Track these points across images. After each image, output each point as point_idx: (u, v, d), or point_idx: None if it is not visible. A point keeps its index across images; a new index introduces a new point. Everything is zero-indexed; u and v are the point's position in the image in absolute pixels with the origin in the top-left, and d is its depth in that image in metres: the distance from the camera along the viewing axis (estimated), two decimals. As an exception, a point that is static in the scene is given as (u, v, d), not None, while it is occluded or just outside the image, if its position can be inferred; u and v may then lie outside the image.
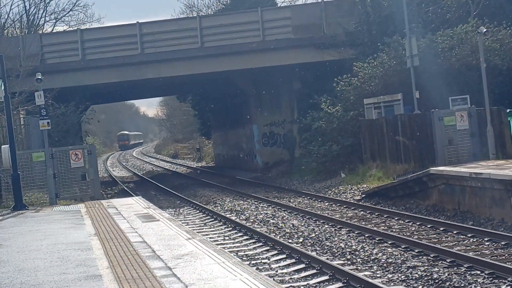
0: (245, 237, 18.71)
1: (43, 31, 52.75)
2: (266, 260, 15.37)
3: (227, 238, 18.96)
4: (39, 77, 22.54)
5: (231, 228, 20.58)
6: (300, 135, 37.28)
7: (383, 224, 18.99)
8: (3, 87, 21.26)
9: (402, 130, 26.40)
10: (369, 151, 29.36)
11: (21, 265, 10.84)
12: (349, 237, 17.25)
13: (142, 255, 10.99)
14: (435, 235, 16.70)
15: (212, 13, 56.08)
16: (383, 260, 14.19)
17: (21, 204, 20.64)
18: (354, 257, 14.85)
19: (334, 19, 35.56)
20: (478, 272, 12.47)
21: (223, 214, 23.59)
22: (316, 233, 18.26)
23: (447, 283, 11.87)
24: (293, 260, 14.99)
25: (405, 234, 17.06)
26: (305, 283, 12.95)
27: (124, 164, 73.25)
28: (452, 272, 12.59)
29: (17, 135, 30.17)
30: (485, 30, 23.74)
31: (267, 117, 40.95)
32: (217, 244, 17.40)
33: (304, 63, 36.63)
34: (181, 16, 61.36)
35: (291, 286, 12.75)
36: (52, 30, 53.72)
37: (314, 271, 13.83)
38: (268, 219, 21.72)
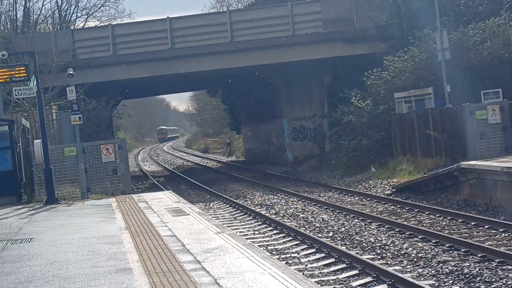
0: (275, 232, 18.73)
1: (75, 26, 53.20)
2: (296, 254, 15.38)
3: (257, 232, 19.01)
4: (71, 72, 22.75)
5: (261, 223, 20.62)
6: (330, 129, 37.21)
7: (414, 219, 18.90)
8: (35, 83, 21.51)
9: (433, 124, 26.21)
10: (400, 145, 29.20)
11: (53, 258, 10.98)
12: (379, 232, 17.19)
13: (172, 249, 11.06)
14: (466, 230, 16.58)
15: (242, 7, 56.10)
16: (413, 255, 14.13)
17: (53, 198, 20.86)
18: (384, 251, 14.80)
19: (365, 13, 35.38)
20: (510, 267, 12.36)
21: (253, 208, 23.64)
22: (346, 227, 18.23)
23: (478, 278, 11.79)
24: (323, 255, 14.99)
25: (435, 228, 16.96)
26: (335, 277, 12.95)
27: (155, 158, 73.71)
28: (483, 267, 12.50)
29: (50, 130, 30.56)
30: (517, 23, 23.47)
31: (297, 111, 40.91)
32: (247, 238, 17.45)
33: (334, 57, 36.52)
34: (211, 10, 61.49)
35: (320, 280, 12.76)
36: (84, 25, 54.17)
37: (344, 265, 13.82)
38: (298, 213, 21.72)
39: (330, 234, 17.50)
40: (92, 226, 14.70)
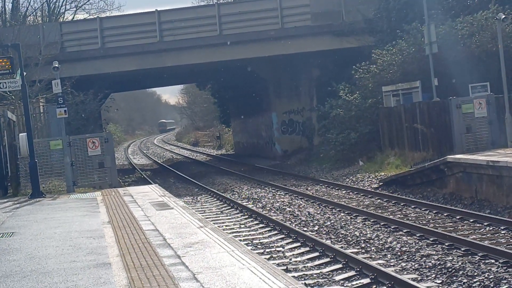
0: (261, 225, 18.70)
1: (64, 19, 52.96)
2: (281, 248, 15.35)
3: (243, 226, 18.97)
4: (56, 65, 22.62)
5: (247, 216, 20.58)
6: (319, 123, 37.16)
7: (399, 212, 18.90)
8: (20, 76, 21.35)
9: (421, 117, 26.22)
10: (388, 139, 29.20)
11: (33, 253, 10.91)
12: (364, 225, 17.18)
13: (153, 243, 11.01)
14: (451, 224, 16.59)
15: (231, 0, 55.96)
16: (397, 249, 14.12)
17: (39, 192, 20.77)
18: (368, 245, 14.79)
19: (353, 6, 35.32)
20: (493, 261, 12.36)
21: (240, 202, 23.60)
22: (332, 221, 18.21)
23: (460, 272, 11.78)
24: (308, 248, 14.96)
25: (420, 222, 16.96)
26: (318, 271, 12.93)
27: (144, 151, 73.55)
28: (466, 261, 12.49)
29: (37, 123, 30.40)
30: (504, 16, 23.48)
31: (286, 104, 40.86)
32: (233, 232, 17.44)
33: (323, 51, 36.47)
34: (201, 3, 61.31)
35: (304, 274, 12.73)
36: (73, 18, 53.95)
37: (328, 259, 13.80)
38: (284, 207, 21.70)
39: (316, 228, 17.48)
40: (75, 220, 14.63)
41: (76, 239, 12.03)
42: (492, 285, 10.93)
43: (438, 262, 12.56)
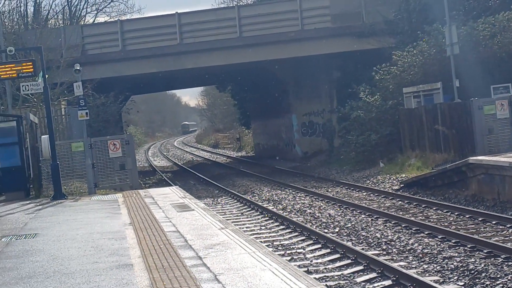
0: (282, 227, 18.69)
1: (85, 22, 53.30)
2: (302, 250, 15.33)
3: (263, 227, 18.97)
4: (78, 68, 22.77)
5: (268, 218, 20.57)
6: (339, 125, 37.08)
7: (421, 214, 18.81)
8: (42, 78, 21.53)
9: (442, 119, 26.08)
10: (408, 140, 29.08)
11: (56, 254, 10.99)
12: (385, 227, 17.11)
13: (174, 245, 11.05)
14: (473, 226, 16.48)
15: (250, 2, 55.99)
16: (419, 251, 14.05)
17: (60, 193, 20.91)
18: (389, 247, 14.73)
19: (373, 7, 35.20)
20: (516, 263, 12.27)
21: (260, 203, 23.59)
22: (353, 223, 18.16)
23: (483, 274, 11.70)
24: (328, 250, 14.93)
25: (442, 224, 16.87)
26: (339, 273, 12.90)
27: (165, 154, 73.81)
28: (489, 263, 12.40)
29: (59, 125, 30.63)
30: (526, 17, 23.32)
31: (306, 106, 40.82)
32: (253, 234, 17.44)
33: (343, 52, 36.37)
34: (221, 6, 61.37)
35: (325, 276, 12.71)
36: (94, 21, 54.27)
37: (349, 261, 13.77)
38: (305, 208, 21.67)
39: (337, 230, 17.44)
40: (97, 222, 14.71)
41: (98, 240, 12.09)
42: (515, 287, 10.85)
43: (461, 264, 12.49)
